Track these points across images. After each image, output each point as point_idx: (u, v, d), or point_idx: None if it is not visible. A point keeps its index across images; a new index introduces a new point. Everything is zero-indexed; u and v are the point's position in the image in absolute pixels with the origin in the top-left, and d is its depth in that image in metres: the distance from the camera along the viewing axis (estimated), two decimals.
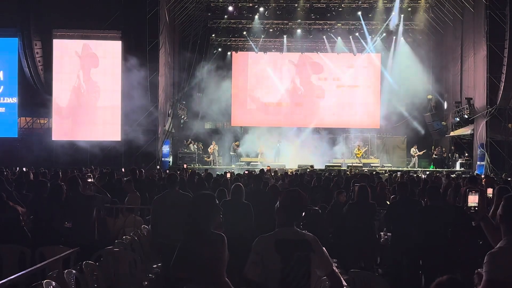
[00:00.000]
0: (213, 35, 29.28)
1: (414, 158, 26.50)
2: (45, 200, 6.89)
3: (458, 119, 25.50)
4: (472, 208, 3.79)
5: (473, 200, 3.80)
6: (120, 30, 23.23)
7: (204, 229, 3.60)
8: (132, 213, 8.78)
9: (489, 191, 6.57)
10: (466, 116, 24.23)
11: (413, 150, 26.49)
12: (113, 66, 23.46)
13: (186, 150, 26.82)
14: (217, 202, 3.79)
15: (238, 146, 27.38)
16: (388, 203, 9.25)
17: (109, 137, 23.24)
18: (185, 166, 20.64)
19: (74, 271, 4.92)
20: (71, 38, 23.70)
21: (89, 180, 7.65)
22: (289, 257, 3.30)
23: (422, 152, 26.55)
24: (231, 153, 27.45)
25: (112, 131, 23.36)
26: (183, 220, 3.78)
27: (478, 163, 22.60)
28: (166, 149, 24.64)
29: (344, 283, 4.34)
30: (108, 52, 23.75)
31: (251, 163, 25.96)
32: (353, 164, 24.88)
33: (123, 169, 17.11)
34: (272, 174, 16.54)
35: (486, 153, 21.78)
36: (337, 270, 3.64)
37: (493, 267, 2.92)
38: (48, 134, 23.47)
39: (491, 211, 5.01)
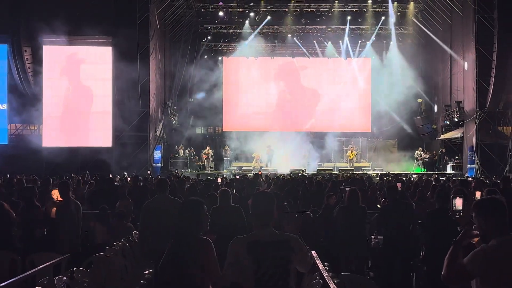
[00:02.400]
0: (204, 40, 29.32)
1: (418, 162, 26.39)
2: (34, 206, 6.90)
3: (448, 122, 25.71)
4: (457, 213, 3.80)
5: (458, 204, 3.81)
6: (110, 36, 23.17)
7: (192, 234, 3.62)
8: (123, 220, 8.74)
9: (477, 194, 6.62)
10: (456, 119, 24.44)
11: (418, 153, 26.45)
12: (104, 72, 23.38)
13: (177, 155, 26.77)
14: (205, 208, 3.80)
15: (226, 150, 27.35)
16: (379, 206, 9.30)
17: (100, 143, 23.14)
18: (176, 171, 20.61)
19: (64, 278, 4.91)
20: (61, 44, 23.59)
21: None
22: (262, 259, 3.33)
23: (428, 155, 26.48)
24: (224, 158, 27.41)
25: (103, 137, 23.25)
26: (172, 225, 3.80)
27: (468, 165, 22.75)
28: (157, 154, 24.58)
29: (333, 285, 4.37)
30: (99, 58, 23.69)
31: (243, 167, 25.96)
32: (345, 168, 24.97)
33: (110, 175, 17.02)
34: (263, 178, 16.52)
35: (476, 156, 21.95)
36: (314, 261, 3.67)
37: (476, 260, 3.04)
38: (39, 140, 23.30)
39: None
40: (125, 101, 22.91)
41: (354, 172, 23.05)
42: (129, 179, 15.77)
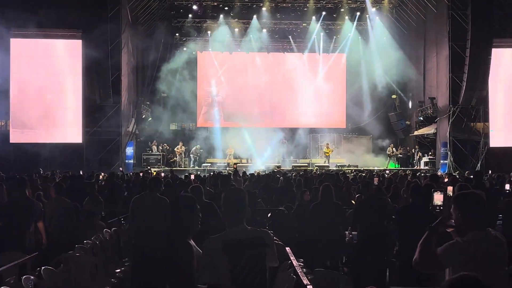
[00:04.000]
0: (177, 34, 29.09)
1: (392, 158, 26.84)
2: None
3: (421, 118, 26.13)
4: (437, 208, 3.89)
5: (438, 199, 3.91)
6: (80, 29, 22.77)
7: (183, 237, 3.55)
8: (93, 218, 8.63)
9: (449, 189, 6.73)
10: (429, 115, 24.85)
11: (390, 150, 26.86)
12: (74, 66, 22.97)
13: (150, 152, 26.54)
14: (198, 206, 3.74)
15: (196, 149, 27.16)
16: (354, 202, 9.39)
17: (70, 139, 22.78)
18: (148, 168, 20.45)
19: (32, 277, 4.81)
20: (30, 37, 23.07)
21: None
22: (238, 258, 3.32)
23: (400, 151, 26.89)
24: (191, 155, 27.11)
25: (73, 133, 22.90)
26: (159, 225, 3.72)
27: (441, 161, 23.18)
28: (129, 151, 24.32)
29: (307, 281, 4.40)
30: (69, 51, 23.24)
31: (217, 164, 25.92)
32: (320, 164, 25.13)
33: (81, 172, 16.82)
34: (241, 175, 16.53)
35: (449, 152, 22.36)
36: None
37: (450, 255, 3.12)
38: (6, 137, 22.80)
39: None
40: (96, 96, 22.59)
41: (330, 168, 23.25)
42: (101, 176, 15.66)
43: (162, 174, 19.68)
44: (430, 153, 25.46)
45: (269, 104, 29.95)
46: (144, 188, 8.03)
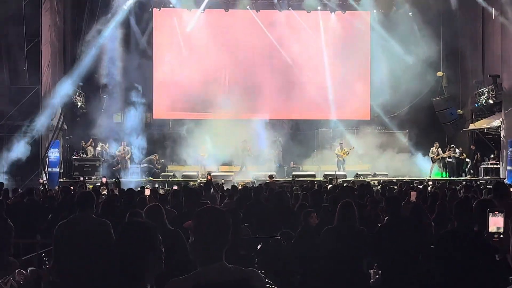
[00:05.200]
0: None
1: (436, 163, 26.90)
2: None
3: (479, 105, 26.20)
4: (496, 236, 3.87)
5: (496, 223, 3.89)
6: None
7: (137, 281, 3.50)
8: (2, 252, 8.59)
9: None
10: (491, 101, 24.93)
11: (434, 151, 26.88)
12: None
13: (84, 155, 26.39)
14: (160, 237, 3.65)
15: (154, 159, 27.17)
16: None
17: None
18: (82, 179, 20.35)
19: None
20: None
21: None
22: None
23: (449, 153, 26.90)
24: (143, 164, 27.02)
25: None
26: (98, 262, 3.69)
27: (508, 168, 23.22)
28: (54, 154, 24.21)
29: None
30: None
31: (184, 173, 25.82)
32: (334, 173, 25.06)
33: None
34: (215, 187, 16.53)
35: None
36: None
37: None
38: None
39: None
40: (3, 74, 22.43)
41: (348, 179, 23.27)
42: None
43: (104, 180, 19.69)
44: (492, 155, 25.57)
45: (258, 85, 29.81)
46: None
